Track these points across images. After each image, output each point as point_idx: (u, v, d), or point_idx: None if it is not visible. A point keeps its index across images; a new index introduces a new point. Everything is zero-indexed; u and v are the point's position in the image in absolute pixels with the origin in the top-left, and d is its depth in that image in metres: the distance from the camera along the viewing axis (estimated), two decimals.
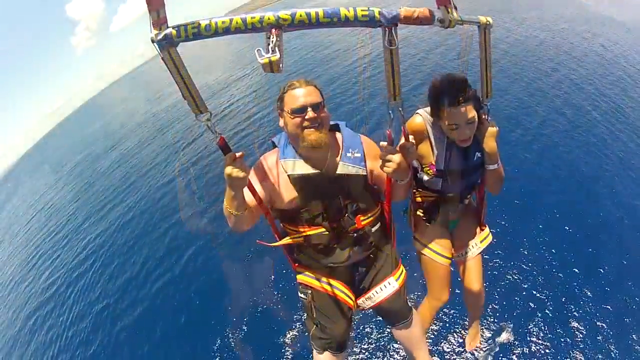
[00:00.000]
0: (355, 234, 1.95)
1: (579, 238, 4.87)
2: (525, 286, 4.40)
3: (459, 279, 2.59)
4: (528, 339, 3.89)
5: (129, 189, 11.99)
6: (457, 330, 4.02)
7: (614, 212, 5.22)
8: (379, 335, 4.21)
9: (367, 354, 4.13)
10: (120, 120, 29.33)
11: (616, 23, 14.00)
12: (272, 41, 1.26)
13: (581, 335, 3.84)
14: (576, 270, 4.46)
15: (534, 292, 4.32)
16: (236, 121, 13.14)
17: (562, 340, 3.84)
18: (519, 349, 3.83)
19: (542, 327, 3.96)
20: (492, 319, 4.09)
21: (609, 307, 4.05)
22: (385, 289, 2.14)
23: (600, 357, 3.64)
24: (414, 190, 2.37)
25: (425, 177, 2.18)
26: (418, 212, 2.46)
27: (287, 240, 1.95)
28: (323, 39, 20.33)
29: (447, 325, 4.10)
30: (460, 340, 3.93)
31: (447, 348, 3.94)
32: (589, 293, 4.21)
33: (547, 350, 3.76)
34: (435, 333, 4.05)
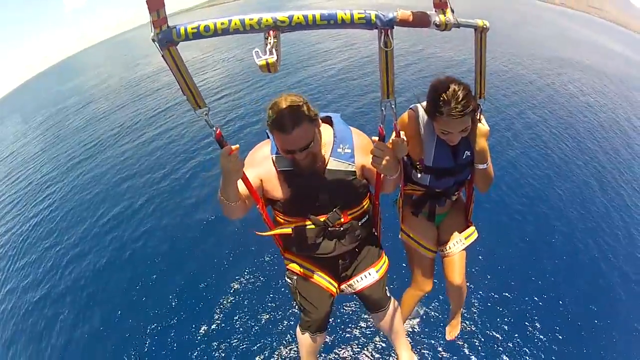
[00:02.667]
0: (341, 228, 2.00)
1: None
2: (509, 282, 4.73)
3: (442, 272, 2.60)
4: (505, 329, 4.18)
5: (96, 147, 12.11)
6: (440, 321, 4.18)
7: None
8: (362, 321, 4.44)
9: (349, 336, 4.35)
10: (96, 82, 28.37)
11: (595, 71, 14.46)
12: (270, 42, 1.30)
13: (560, 336, 4.18)
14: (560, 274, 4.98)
15: (518, 290, 4.63)
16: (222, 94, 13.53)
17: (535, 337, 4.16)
18: (499, 343, 4.10)
19: (514, 322, 4.27)
20: (473, 312, 4.30)
21: (594, 308, 4.52)
22: (365, 279, 2.22)
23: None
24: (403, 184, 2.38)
25: (415, 173, 2.22)
26: (406, 205, 2.49)
27: (276, 231, 2.02)
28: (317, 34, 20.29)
29: (430, 315, 4.30)
30: (442, 330, 3.98)
31: (427, 336, 4.14)
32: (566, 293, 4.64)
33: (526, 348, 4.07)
34: (419, 322, 4.24)
